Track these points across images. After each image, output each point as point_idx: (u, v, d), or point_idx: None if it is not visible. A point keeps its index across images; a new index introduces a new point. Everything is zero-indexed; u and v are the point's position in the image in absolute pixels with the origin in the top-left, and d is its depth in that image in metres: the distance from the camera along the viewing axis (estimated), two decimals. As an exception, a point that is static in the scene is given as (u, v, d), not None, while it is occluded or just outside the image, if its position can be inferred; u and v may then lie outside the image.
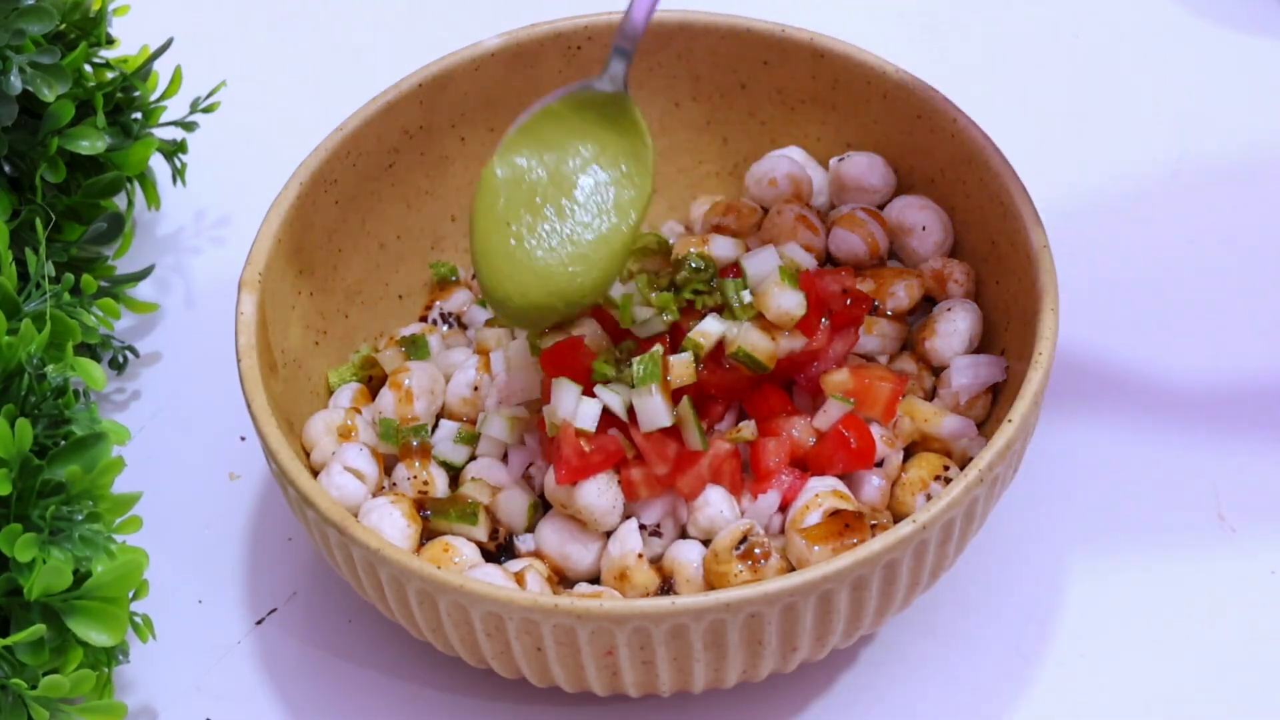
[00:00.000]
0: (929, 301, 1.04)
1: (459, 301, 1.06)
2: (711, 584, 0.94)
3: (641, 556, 0.95)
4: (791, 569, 0.94)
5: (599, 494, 0.95)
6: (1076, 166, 1.17)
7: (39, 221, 1.02)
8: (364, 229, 1.06)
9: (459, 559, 0.96)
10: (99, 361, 1.09)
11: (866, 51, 1.05)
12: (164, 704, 1.00)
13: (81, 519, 0.92)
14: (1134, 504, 1.04)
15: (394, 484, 0.99)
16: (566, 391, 0.96)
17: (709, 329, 0.97)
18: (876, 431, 0.97)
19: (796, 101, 1.08)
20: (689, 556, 0.95)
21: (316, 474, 0.98)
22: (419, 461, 0.99)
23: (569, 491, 0.95)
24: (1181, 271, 1.12)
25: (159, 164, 1.17)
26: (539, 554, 0.97)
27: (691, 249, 1.00)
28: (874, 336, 1.01)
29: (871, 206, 1.05)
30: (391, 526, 0.96)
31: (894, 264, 1.04)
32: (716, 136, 1.10)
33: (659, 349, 0.96)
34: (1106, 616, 1.01)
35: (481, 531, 0.97)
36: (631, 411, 0.95)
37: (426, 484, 0.98)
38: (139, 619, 0.95)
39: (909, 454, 0.99)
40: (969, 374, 1.00)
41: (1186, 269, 1.12)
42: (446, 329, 1.05)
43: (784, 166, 1.06)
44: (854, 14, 1.23)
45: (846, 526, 0.93)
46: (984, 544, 1.02)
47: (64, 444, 0.93)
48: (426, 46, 1.12)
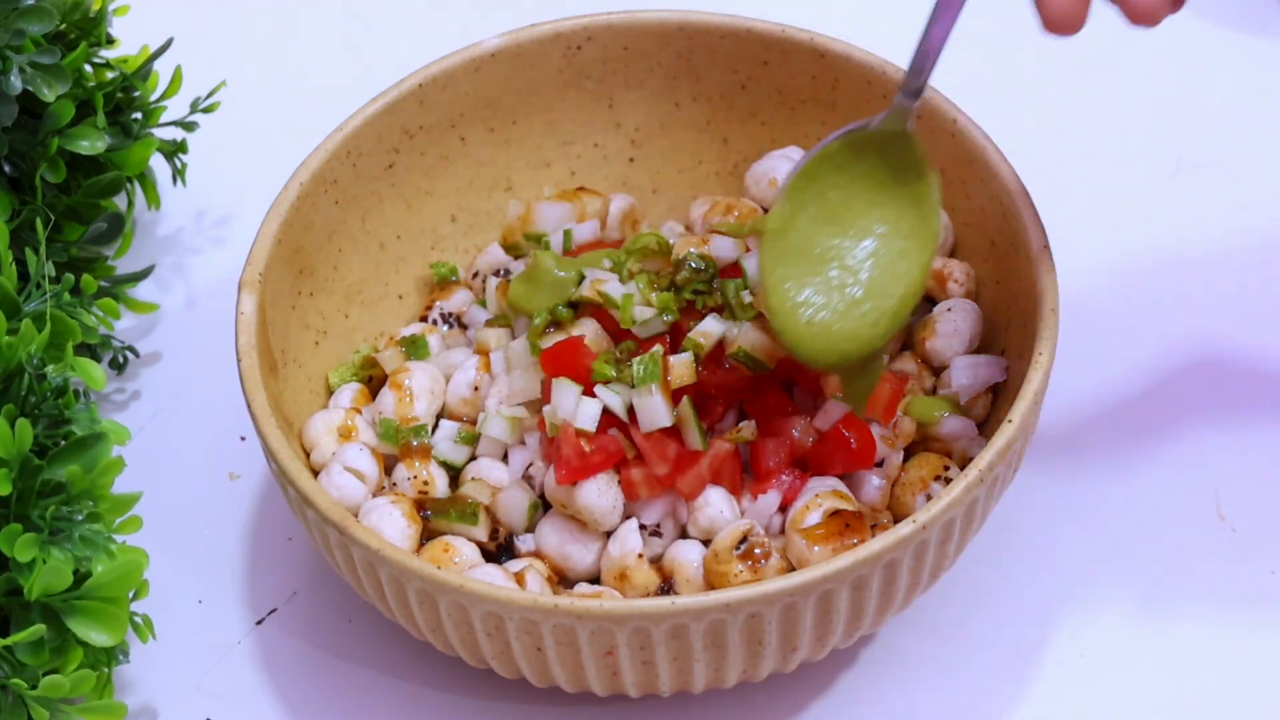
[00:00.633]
0: (929, 301, 1.04)
1: (459, 301, 1.06)
2: (711, 584, 0.94)
3: (641, 556, 0.95)
4: (791, 569, 0.94)
5: (599, 494, 0.95)
6: (1076, 166, 1.17)
7: (39, 221, 1.02)
8: (364, 229, 1.06)
9: (459, 559, 0.95)
10: (99, 361, 1.09)
11: (866, 51, 1.05)
12: (164, 704, 1.00)
13: (81, 519, 0.91)
14: (1134, 504, 1.04)
15: (394, 484, 0.99)
16: (566, 391, 0.96)
17: (709, 329, 0.97)
18: (876, 431, 0.97)
19: (796, 101, 1.08)
20: (689, 556, 0.95)
21: (316, 474, 0.98)
22: (419, 461, 0.99)
23: (569, 491, 0.95)
24: (1181, 271, 1.12)
25: (159, 164, 1.17)
26: (539, 554, 0.97)
27: (691, 249, 1.00)
28: (874, 336, 1.01)
29: (871, 206, 1.05)
30: (391, 526, 0.96)
31: (894, 264, 1.04)
32: (716, 136, 1.10)
33: (659, 349, 0.96)
34: (1106, 617, 1.01)
35: (481, 531, 0.97)
36: (631, 411, 0.95)
37: (426, 484, 0.98)
38: (139, 619, 0.95)
39: (909, 454, 0.99)
40: (969, 374, 1.00)
41: (1186, 269, 1.12)
42: (446, 329, 1.05)
43: (784, 166, 1.06)
44: (854, 14, 1.23)
45: (846, 526, 0.93)
46: (984, 544, 1.02)
47: (64, 444, 0.92)
48: (426, 46, 1.12)
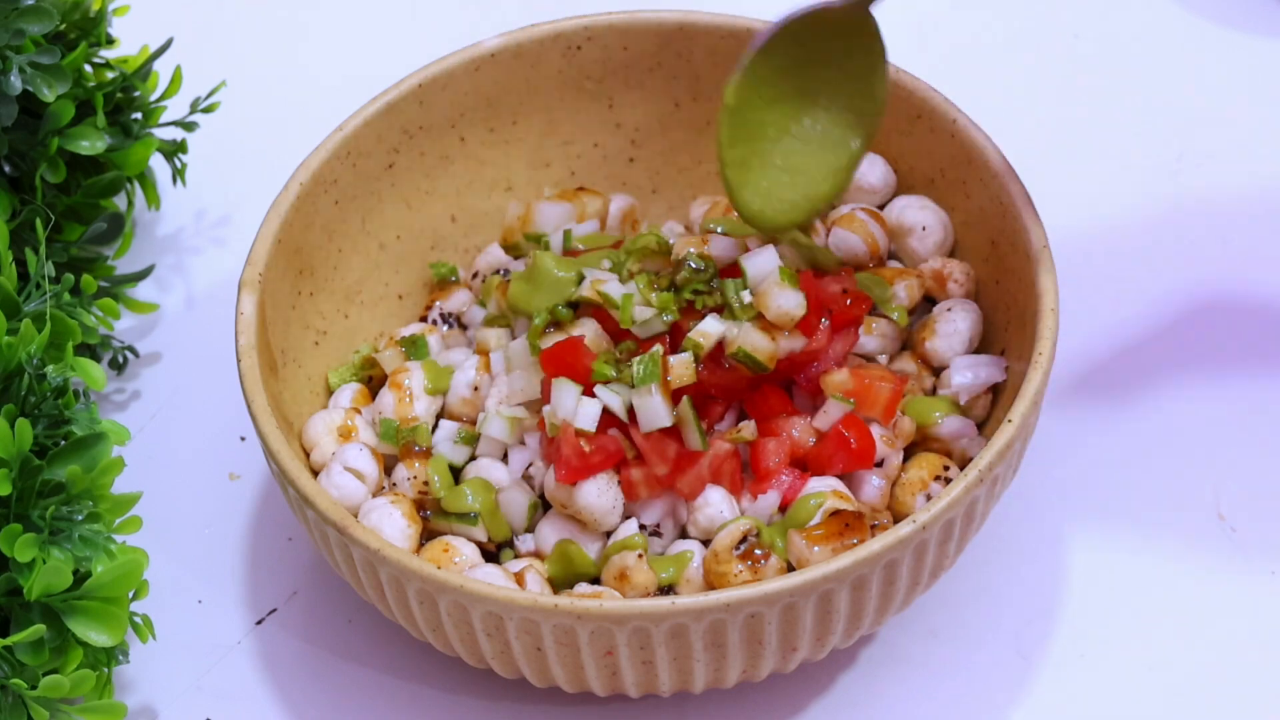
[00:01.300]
0: (929, 301, 1.04)
1: (459, 301, 1.06)
2: (711, 584, 0.94)
3: (642, 556, 0.95)
4: (791, 569, 0.94)
5: (599, 494, 0.95)
6: (1076, 166, 1.17)
7: (39, 221, 1.02)
8: (364, 229, 1.06)
9: (459, 559, 0.96)
10: (99, 361, 1.09)
11: (866, 51, 1.05)
12: (164, 704, 1.00)
13: (81, 519, 0.92)
14: (1134, 504, 1.04)
15: (394, 484, 0.99)
16: (566, 391, 0.96)
17: (709, 329, 0.97)
18: (876, 431, 0.97)
19: (796, 101, 1.08)
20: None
21: (316, 474, 0.98)
22: (419, 461, 0.99)
23: (569, 491, 0.95)
24: (1182, 271, 1.12)
25: (159, 164, 1.17)
26: (539, 554, 0.97)
27: (691, 249, 1.00)
28: (874, 336, 1.01)
29: (871, 206, 1.05)
30: (391, 526, 0.96)
31: (894, 264, 1.04)
32: (716, 136, 1.10)
33: (659, 349, 0.96)
34: (1106, 617, 1.01)
35: (481, 531, 0.97)
36: (631, 411, 0.95)
37: (426, 484, 0.98)
38: (139, 619, 0.95)
39: (909, 454, 0.99)
40: (969, 374, 1.00)
41: (1186, 269, 1.12)
42: (446, 329, 1.05)
43: (784, 166, 1.06)
44: (854, 14, 1.23)
45: (846, 526, 0.93)
46: (984, 544, 1.02)
47: (64, 444, 0.93)
48: (426, 46, 1.12)
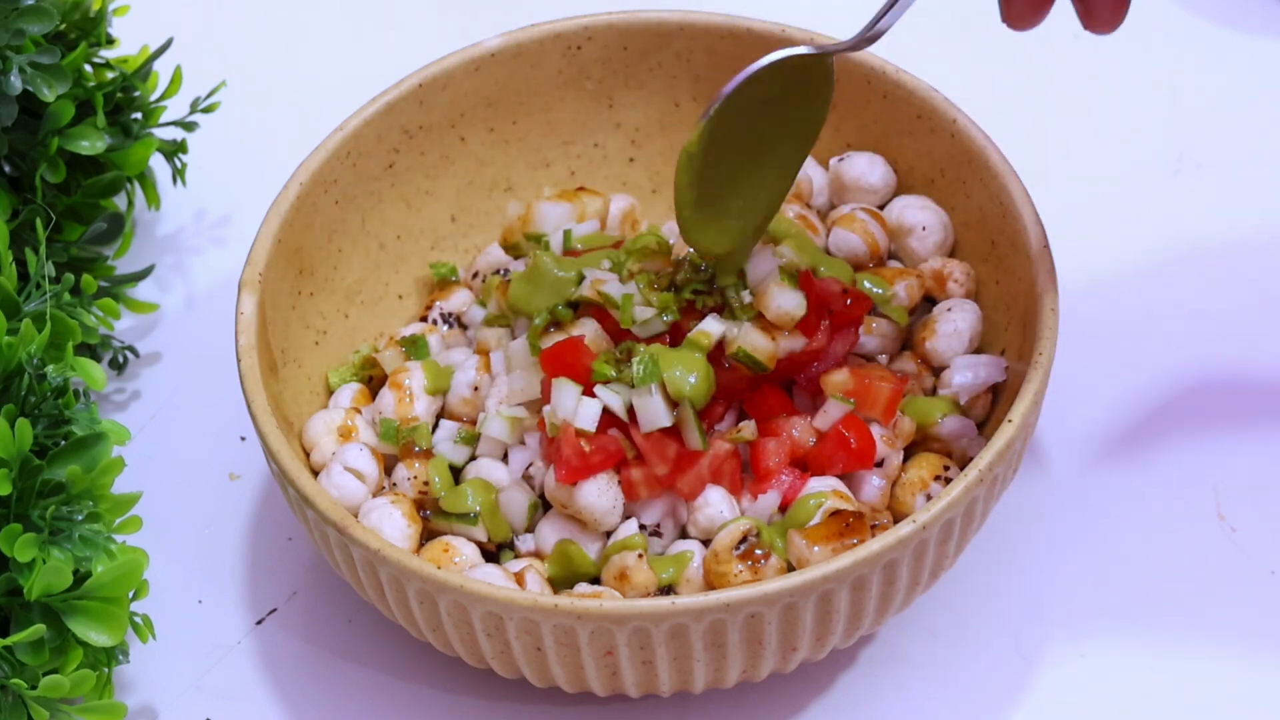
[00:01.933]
0: (929, 301, 1.04)
1: (459, 301, 1.06)
2: (711, 584, 0.94)
3: (642, 556, 0.95)
4: (791, 569, 0.94)
5: (599, 494, 0.95)
6: (1076, 166, 1.17)
7: (39, 221, 1.02)
8: (364, 229, 1.06)
9: (459, 559, 0.95)
10: (99, 361, 1.09)
11: (866, 51, 1.05)
12: (164, 704, 1.00)
13: (81, 519, 0.91)
14: (1134, 504, 1.04)
15: (394, 484, 0.99)
16: (566, 391, 0.96)
17: (709, 329, 0.97)
18: (876, 431, 0.97)
19: (796, 101, 1.08)
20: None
21: (317, 474, 0.98)
22: (419, 461, 0.99)
23: (569, 491, 0.95)
24: (1181, 271, 1.12)
25: (159, 164, 1.17)
26: (539, 554, 0.97)
27: (691, 249, 1.00)
28: (874, 336, 1.01)
29: (871, 206, 1.05)
30: (391, 526, 0.96)
31: (894, 264, 1.04)
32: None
33: (658, 348, 0.96)
34: (1106, 617, 1.01)
35: (481, 531, 0.97)
36: (631, 411, 0.95)
37: (426, 484, 0.98)
38: (139, 619, 0.95)
39: (909, 454, 0.99)
40: (969, 374, 1.00)
41: (1186, 269, 1.12)
42: (446, 329, 1.05)
43: (784, 166, 1.06)
44: (854, 14, 1.23)
45: (846, 526, 0.93)
46: (984, 544, 1.02)
47: (64, 444, 0.93)
48: (426, 46, 1.12)
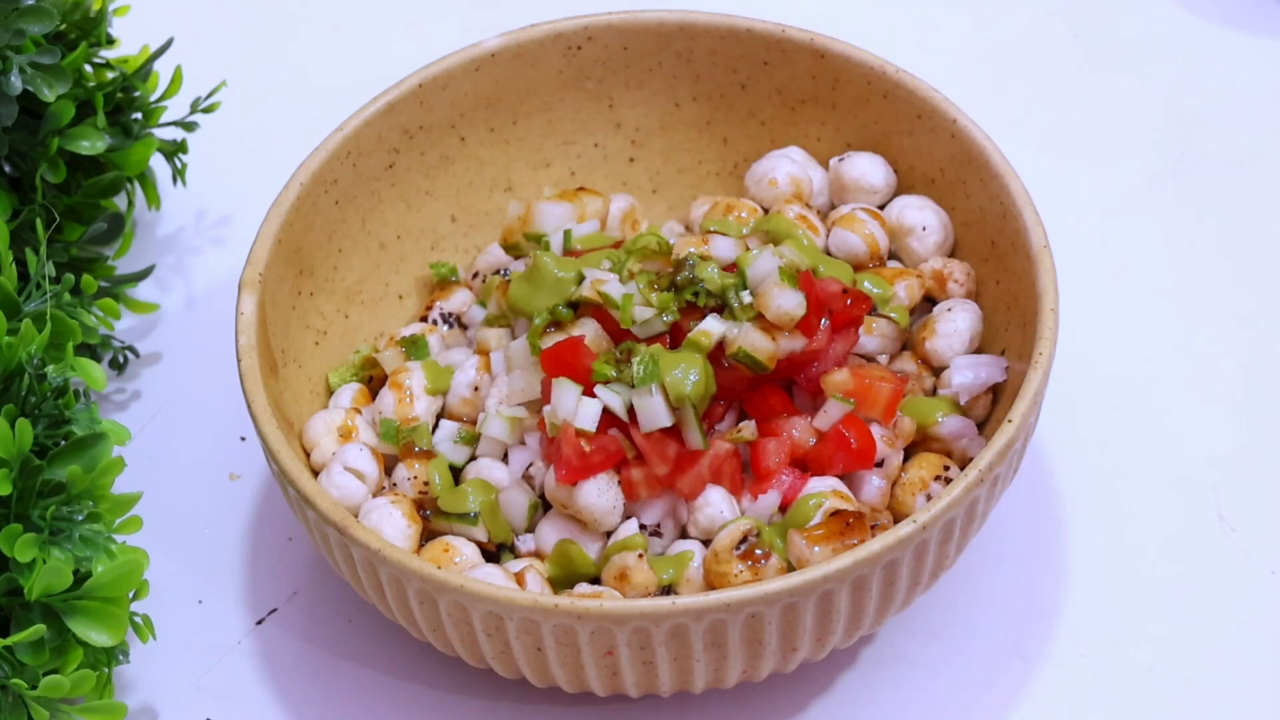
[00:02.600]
0: (929, 301, 1.04)
1: (459, 301, 1.06)
2: (711, 584, 0.94)
3: (642, 556, 0.95)
4: (791, 569, 0.94)
5: (599, 494, 0.95)
6: (1077, 166, 1.17)
7: (39, 221, 1.02)
8: (364, 229, 1.06)
9: (459, 559, 0.96)
10: (99, 361, 1.09)
11: (866, 51, 1.05)
12: (164, 704, 1.00)
13: (81, 519, 0.91)
14: (1134, 504, 1.04)
15: (394, 484, 0.99)
16: (566, 391, 0.96)
17: (709, 329, 0.97)
18: (876, 431, 0.97)
19: (796, 101, 1.08)
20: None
21: (317, 474, 0.98)
22: (419, 461, 0.99)
23: (569, 491, 0.95)
24: (1181, 271, 1.12)
25: (159, 164, 1.17)
26: (539, 554, 0.97)
27: (691, 249, 1.00)
28: (874, 336, 1.01)
29: (871, 206, 1.05)
30: (391, 526, 0.96)
31: (894, 264, 1.04)
32: (716, 136, 1.10)
33: (658, 349, 0.96)
34: (1107, 616, 1.01)
35: (481, 531, 0.97)
36: (631, 411, 0.95)
37: (426, 484, 0.98)
38: (139, 619, 0.95)
39: (909, 454, 0.99)
40: (969, 374, 1.00)
41: (1186, 269, 1.12)
42: (446, 329, 1.05)
43: (784, 166, 1.06)
44: (854, 14, 1.23)
45: (847, 526, 0.93)
46: (984, 544, 1.02)
47: (64, 444, 0.93)
48: (426, 46, 1.13)
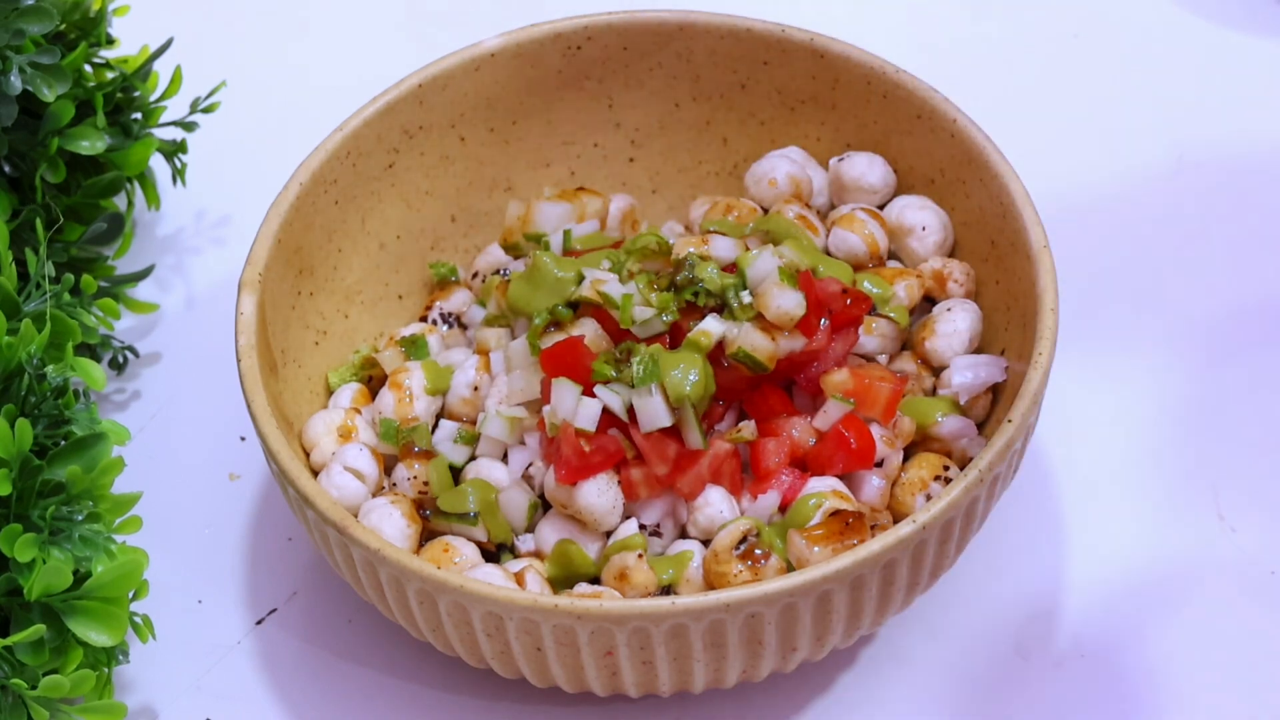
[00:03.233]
0: (929, 301, 1.04)
1: (459, 301, 1.06)
2: (711, 584, 0.94)
3: (642, 556, 0.95)
4: (791, 569, 0.94)
5: (599, 494, 0.95)
6: (1076, 166, 1.17)
7: (39, 221, 1.02)
8: (364, 229, 1.06)
9: (459, 559, 0.96)
10: (99, 361, 1.09)
11: (866, 51, 1.05)
12: (164, 704, 1.00)
13: (81, 519, 0.91)
14: (1134, 504, 1.04)
15: (394, 484, 0.99)
16: (566, 391, 0.96)
17: (709, 329, 0.97)
18: (876, 431, 0.97)
19: (796, 101, 1.08)
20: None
21: (316, 474, 0.98)
22: (419, 462, 0.99)
23: (569, 491, 0.95)
24: (1181, 271, 1.12)
25: (159, 164, 1.17)
26: (539, 554, 0.97)
27: (691, 249, 1.00)
28: (874, 336, 1.01)
29: (871, 206, 1.05)
30: (391, 526, 0.96)
31: (894, 264, 1.04)
32: (716, 136, 1.10)
33: (658, 349, 0.96)
34: (1106, 616, 1.01)
35: (481, 531, 0.97)
36: (631, 411, 0.95)
37: (426, 484, 0.98)
38: (139, 619, 0.95)
39: (909, 454, 0.99)
40: (969, 374, 1.00)
41: (1186, 269, 1.12)
42: (446, 329, 1.05)
43: (784, 166, 1.06)
44: (854, 14, 1.23)
45: (847, 526, 0.93)
46: (984, 544, 1.02)
47: (64, 444, 0.93)
48: (426, 46, 1.12)
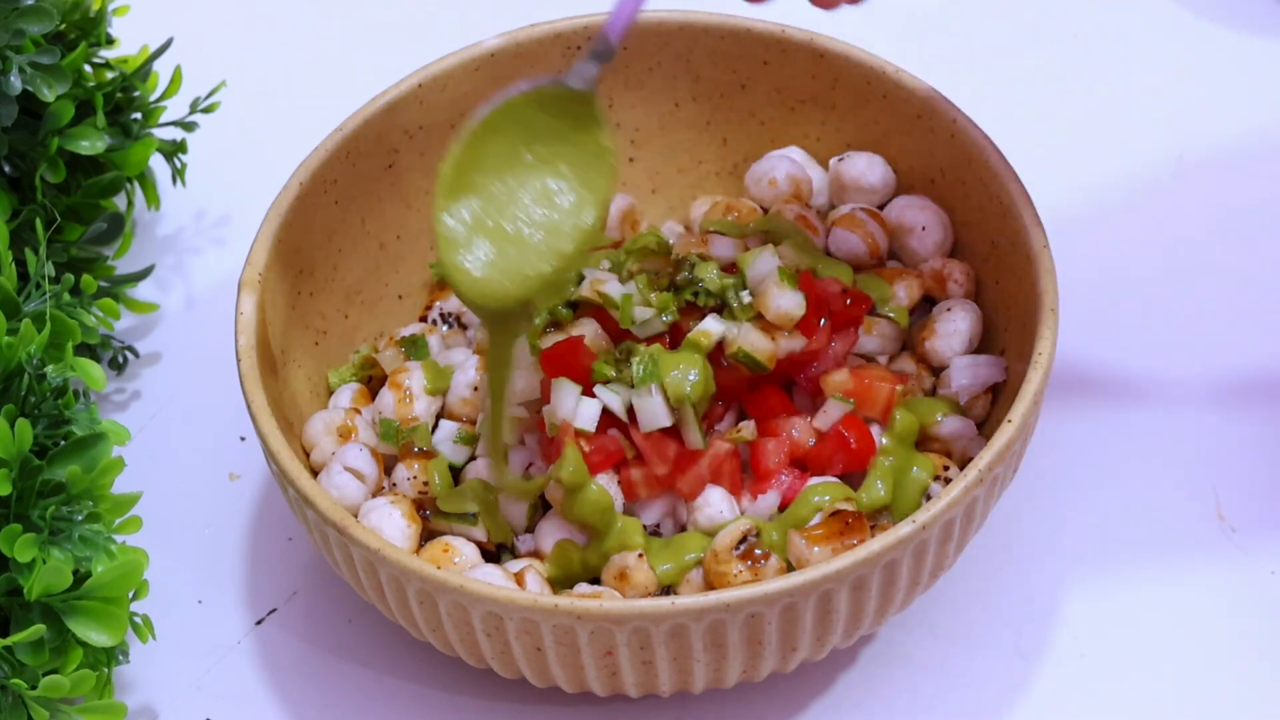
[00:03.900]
0: (929, 301, 1.04)
1: (459, 302, 1.06)
2: (711, 584, 0.94)
3: (642, 556, 0.95)
4: (791, 569, 0.94)
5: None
6: (1076, 166, 1.17)
7: (39, 221, 1.02)
8: (364, 229, 1.06)
9: (459, 559, 0.95)
10: (99, 361, 1.09)
11: (866, 51, 1.05)
12: (164, 704, 1.00)
13: (81, 519, 0.91)
14: (1134, 504, 1.04)
15: (394, 484, 0.99)
16: (566, 391, 0.96)
17: (709, 329, 0.97)
18: (876, 431, 0.97)
19: (796, 101, 1.08)
20: (689, 556, 0.95)
21: (316, 474, 0.98)
22: (419, 462, 0.99)
23: (569, 491, 0.95)
24: (1181, 271, 1.12)
25: (159, 164, 1.17)
26: (539, 554, 0.97)
27: (691, 249, 1.00)
28: (874, 336, 1.01)
29: (871, 206, 1.05)
30: (391, 526, 0.96)
31: (894, 264, 1.04)
32: (716, 136, 1.10)
33: (658, 349, 0.96)
34: (1106, 616, 1.01)
35: (481, 531, 0.97)
36: (631, 411, 0.95)
37: (426, 484, 0.98)
38: (139, 619, 0.95)
39: (909, 454, 0.99)
40: (969, 374, 1.00)
41: (1186, 269, 1.12)
42: (446, 329, 1.05)
43: (784, 166, 1.06)
44: (853, 14, 1.23)
45: (847, 526, 0.93)
46: (984, 544, 1.02)
47: (64, 444, 0.93)
48: (426, 46, 1.12)
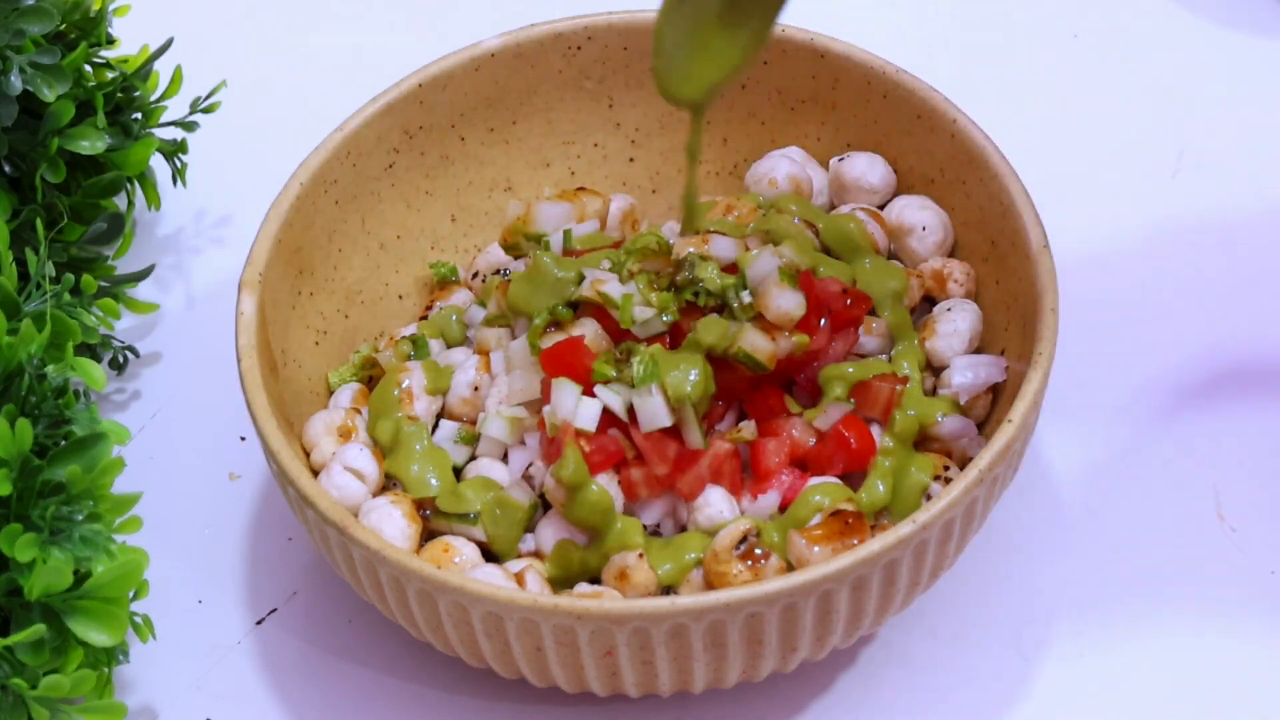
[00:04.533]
0: (929, 301, 1.04)
1: (459, 302, 1.06)
2: (711, 584, 0.94)
3: (642, 556, 0.95)
4: (791, 569, 0.94)
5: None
6: (1076, 166, 1.17)
7: (39, 221, 1.02)
8: (364, 229, 1.06)
9: (459, 559, 0.95)
10: (99, 361, 1.09)
11: (866, 51, 1.05)
12: (164, 704, 1.00)
13: (81, 519, 0.91)
14: (1134, 504, 1.04)
15: (394, 484, 0.99)
16: (566, 391, 0.96)
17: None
18: (876, 431, 0.97)
19: (796, 101, 1.08)
20: (689, 556, 0.95)
21: (316, 474, 0.98)
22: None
23: (569, 491, 0.95)
24: (1181, 271, 1.12)
25: (159, 164, 1.17)
26: (539, 554, 0.97)
27: (691, 249, 1.00)
28: (874, 336, 1.01)
29: (871, 206, 1.05)
30: (391, 526, 0.96)
31: (894, 264, 1.04)
32: (716, 136, 1.10)
33: (658, 349, 0.96)
34: (1106, 617, 1.01)
35: (481, 531, 0.97)
36: (631, 411, 0.95)
37: (426, 484, 0.99)
38: (139, 619, 0.95)
39: (909, 454, 0.99)
40: (969, 374, 1.00)
41: (1186, 269, 1.12)
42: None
43: (784, 166, 1.06)
44: (854, 14, 1.23)
45: (847, 526, 0.93)
46: (984, 544, 1.02)
47: (64, 444, 0.92)
48: (426, 46, 1.12)
